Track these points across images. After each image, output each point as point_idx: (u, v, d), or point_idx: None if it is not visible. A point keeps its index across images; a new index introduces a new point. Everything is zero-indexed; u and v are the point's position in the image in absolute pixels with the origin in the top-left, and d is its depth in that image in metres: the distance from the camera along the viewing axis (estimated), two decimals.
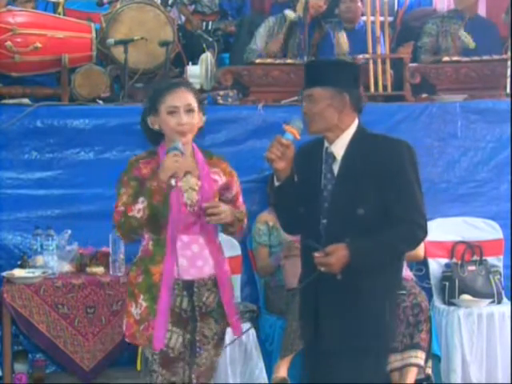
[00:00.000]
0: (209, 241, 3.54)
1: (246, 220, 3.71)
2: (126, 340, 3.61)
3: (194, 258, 3.51)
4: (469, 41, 5.95)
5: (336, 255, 3.21)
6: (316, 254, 3.27)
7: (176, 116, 3.46)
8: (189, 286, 3.50)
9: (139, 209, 3.40)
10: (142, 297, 3.49)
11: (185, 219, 3.48)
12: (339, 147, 3.36)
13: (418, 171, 3.35)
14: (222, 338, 3.65)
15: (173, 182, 3.33)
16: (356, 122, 3.39)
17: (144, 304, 3.48)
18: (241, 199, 3.71)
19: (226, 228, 3.64)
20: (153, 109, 3.51)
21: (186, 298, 3.51)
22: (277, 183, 3.41)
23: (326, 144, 3.40)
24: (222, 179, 3.60)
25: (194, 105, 3.51)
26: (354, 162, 3.31)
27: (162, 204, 3.41)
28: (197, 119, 3.53)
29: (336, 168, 3.35)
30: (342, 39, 5.82)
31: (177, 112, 3.46)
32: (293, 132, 3.34)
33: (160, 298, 3.44)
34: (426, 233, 3.34)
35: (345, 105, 3.33)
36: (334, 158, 3.36)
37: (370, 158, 3.29)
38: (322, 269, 3.27)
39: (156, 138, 3.57)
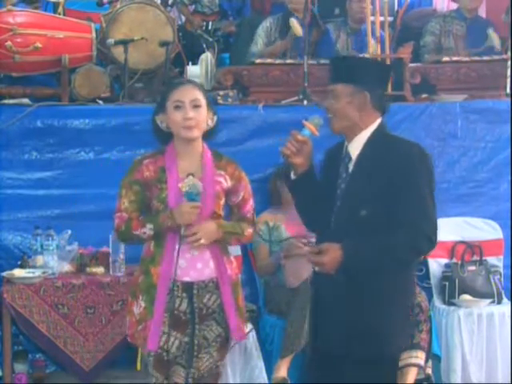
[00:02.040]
0: (210, 243, 3.52)
1: (250, 230, 3.66)
2: (128, 339, 3.62)
3: (193, 260, 3.50)
4: (496, 41, 5.94)
5: (329, 255, 3.18)
6: (308, 251, 3.27)
7: (182, 110, 3.47)
8: (188, 288, 3.50)
9: (145, 232, 3.47)
10: (141, 297, 3.50)
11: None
12: (355, 147, 3.32)
13: (431, 178, 3.27)
14: (226, 342, 3.60)
15: (183, 230, 3.41)
16: (377, 122, 3.33)
17: (143, 304, 3.49)
18: (249, 205, 3.67)
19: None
20: (161, 107, 3.53)
21: (185, 300, 3.50)
22: (293, 177, 3.39)
23: (346, 143, 3.37)
24: (227, 183, 3.59)
25: (202, 101, 3.52)
26: (366, 163, 3.28)
27: (162, 207, 3.44)
28: (204, 115, 3.52)
29: (350, 167, 3.32)
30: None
31: (183, 107, 3.47)
32: (311, 128, 3.32)
33: (157, 300, 3.45)
34: (432, 243, 3.23)
35: (365, 104, 3.29)
36: (350, 157, 3.34)
37: (381, 160, 3.25)
38: (316, 268, 3.26)
39: (165, 138, 3.58)
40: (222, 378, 4.71)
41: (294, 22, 5.76)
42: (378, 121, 3.34)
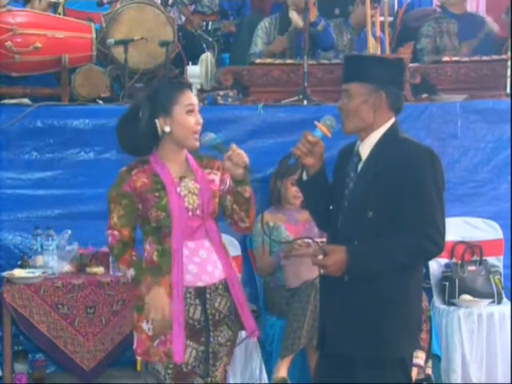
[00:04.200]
0: (215, 244, 3.47)
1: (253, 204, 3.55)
2: (138, 358, 3.55)
3: (203, 263, 3.43)
4: (495, 27, 5.93)
5: (332, 257, 3.17)
6: (311, 253, 3.26)
7: (194, 115, 3.42)
8: (201, 294, 3.41)
9: (126, 273, 3.45)
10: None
11: (189, 225, 3.41)
12: (366, 147, 3.28)
13: (441, 183, 3.22)
14: (233, 345, 3.56)
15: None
16: (390, 122, 3.29)
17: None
18: None
19: (239, 205, 3.48)
20: (164, 110, 3.41)
21: (198, 307, 3.41)
22: (305, 178, 3.36)
23: (358, 142, 3.34)
24: (217, 177, 3.53)
25: None
26: (374, 164, 3.24)
27: (163, 214, 3.38)
28: None
29: (359, 167, 3.29)
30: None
31: (194, 111, 3.43)
32: (323, 129, 3.29)
33: (174, 310, 3.34)
34: (439, 248, 3.19)
35: (381, 103, 3.24)
36: (360, 157, 3.30)
37: (389, 162, 3.20)
38: (322, 271, 3.25)
39: (149, 146, 3.46)
40: None
41: (294, 14, 5.77)
42: (392, 121, 3.30)
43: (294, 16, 5.75)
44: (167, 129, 3.41)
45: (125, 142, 3.51)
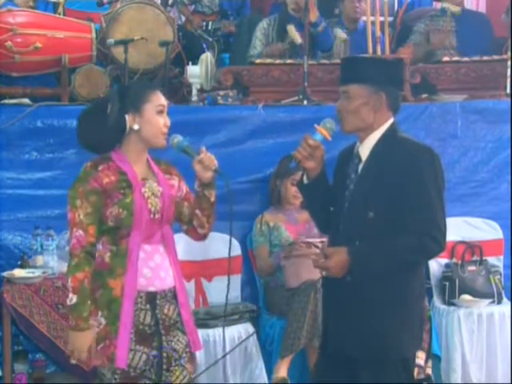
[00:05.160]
0: (169, 250, 3.40)
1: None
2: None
3: (157, 268, 3.35)
4: None
5: (334, 259, 3.17)
6: (313, 257, 3.25)
7: (163, 116, 3.38)
8: (151, 299, 3.33)
9: (70, 298, 3.27)
10: (100, 313, 3.29)
11: (148, 227, 3.32)
12: (366, 147, 3.29)
13: (441, 182, 3.23)
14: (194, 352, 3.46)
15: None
16: (389, 122, 3.30)
17: (103, 321, 3.28)
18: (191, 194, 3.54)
19: (204, 214, 3.44)
20: (134, 107, 3.34)
21: (149, 312, 3.32)
22: (306, 181, 3.37)
23: (358, 143, 3.34)
24: (176, 183, 3.47)
25: None
26: (374, 164, 3.25)
27: (124, 213, 3.28)
28: None
29: (360, 168, 3.29)
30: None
31: (163, 112, 3.38)
32: (323, 133, 3.29)
33: (123, 314, 3.25)
34: (441, 246, 3.20)
35: (381, 104, 3.25)
36: (360, 158, 3.31)
37: (389, 162, 3.21)
38: (324, 273, 3.25)
39: (113, 140, 3.37)
40: (221, 378, 4.73)
41: (292, 29, 5.74)
42: (391, 121, 3.31)
43: (292, 31, 5.73)
44: (136, 126, 3.34)
45: (87, 137, 3.42)
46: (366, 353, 3.23)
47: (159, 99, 3.39)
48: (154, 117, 3.36)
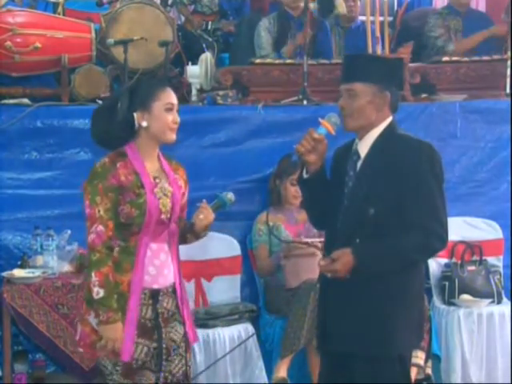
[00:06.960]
0: (173, 248, 3.48)
1: None
2: (79, 349, 3.48)
3: (161, 266, 3.43)
4: None
5: (341, 261, 3.18)
6: (321, 263, 3.25)
7: (172, 113, 3.43)
8: (154, 295, 3.42)
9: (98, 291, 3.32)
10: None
11: (157, 227, 3.39)
12: (365, 145, 3.30)
13: (441, 177, 3.24)
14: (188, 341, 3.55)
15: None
16: (388, 120, 3.31)
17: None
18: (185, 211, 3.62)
19: (194, 235, 3.55)
20: (143, 105, 3.40)
21: (150, 307, 3.41)
22: (305, 176, 3.37)
23: (356, 140, 3.35)
24: (183, 186, 3.53)
25: None
26: (373, 161, 3.26)
27: (137, 212, 3.34)
28: None
29: (358, 165, 3.30)
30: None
31: (173, 110, 3.43)
32: (327, 127, 3.29)
33: (128, 310, 3.33)
34: (444, 243, 3.22)
35: (385, 103, 3.27)
36: (359, 155, 3.31)
37: (389, 158, 3.22)
38: (329, 275, 3.25)
39: (123, 137, 3.43)
40: (222, 378, 4.73)
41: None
42: (390, 119, 3.32)
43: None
44: (144, 123, 3.40)
45: (98, 132, 3.47)
46: (364, 349, 3.23)
47: (169, 97, 3.43)
48: (162, 114, 3.41)
